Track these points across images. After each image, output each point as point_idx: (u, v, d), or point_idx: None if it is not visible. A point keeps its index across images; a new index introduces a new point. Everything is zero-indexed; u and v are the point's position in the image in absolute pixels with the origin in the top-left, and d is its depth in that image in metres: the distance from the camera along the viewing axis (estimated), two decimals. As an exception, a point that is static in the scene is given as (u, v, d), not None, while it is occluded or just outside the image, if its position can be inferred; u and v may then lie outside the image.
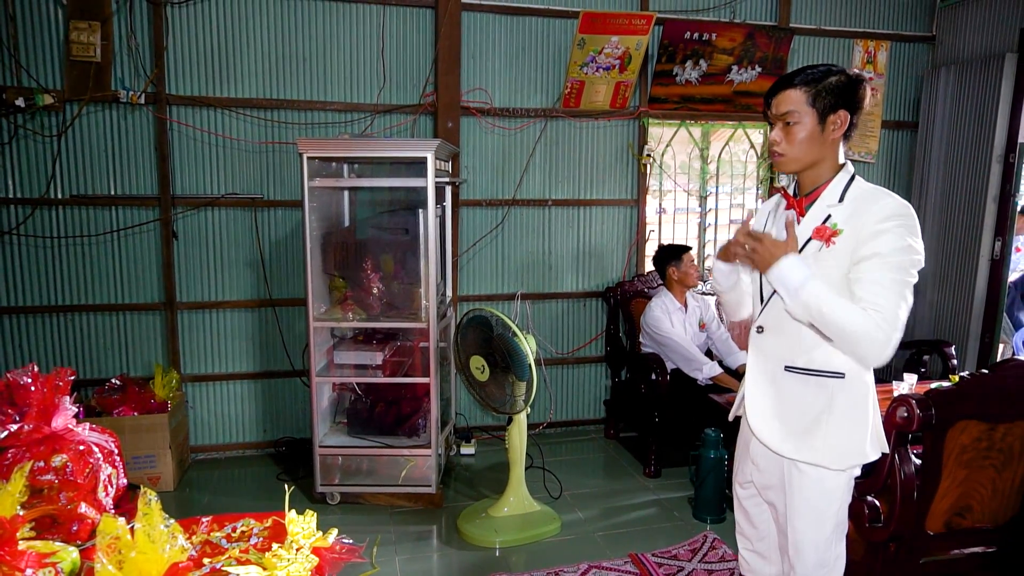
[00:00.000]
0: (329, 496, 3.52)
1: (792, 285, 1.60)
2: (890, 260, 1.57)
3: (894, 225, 1.59)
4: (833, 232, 1.66)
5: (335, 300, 3.65)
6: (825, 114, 1.67)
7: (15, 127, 3.65)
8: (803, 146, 1.69)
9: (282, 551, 1.74)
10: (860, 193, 1.68)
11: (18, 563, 1.57)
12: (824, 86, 1.66)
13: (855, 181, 1.72)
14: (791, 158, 1.72)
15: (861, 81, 1.69)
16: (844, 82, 1.67)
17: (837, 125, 1.68)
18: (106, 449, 2.07)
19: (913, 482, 2.12)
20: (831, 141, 1.70)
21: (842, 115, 1.67)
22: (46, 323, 3.86)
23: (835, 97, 1.66)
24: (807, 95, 1.67)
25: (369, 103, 4.08)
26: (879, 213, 1.61)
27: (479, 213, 4.33)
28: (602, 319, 4.59)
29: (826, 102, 1.66)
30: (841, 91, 1.66)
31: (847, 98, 1.67)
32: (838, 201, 1.69)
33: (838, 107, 1.67)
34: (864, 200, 1.65)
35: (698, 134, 4.63)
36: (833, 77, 1.67)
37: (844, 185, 1.71)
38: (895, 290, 1.56)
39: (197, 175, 3.93)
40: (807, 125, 1.68)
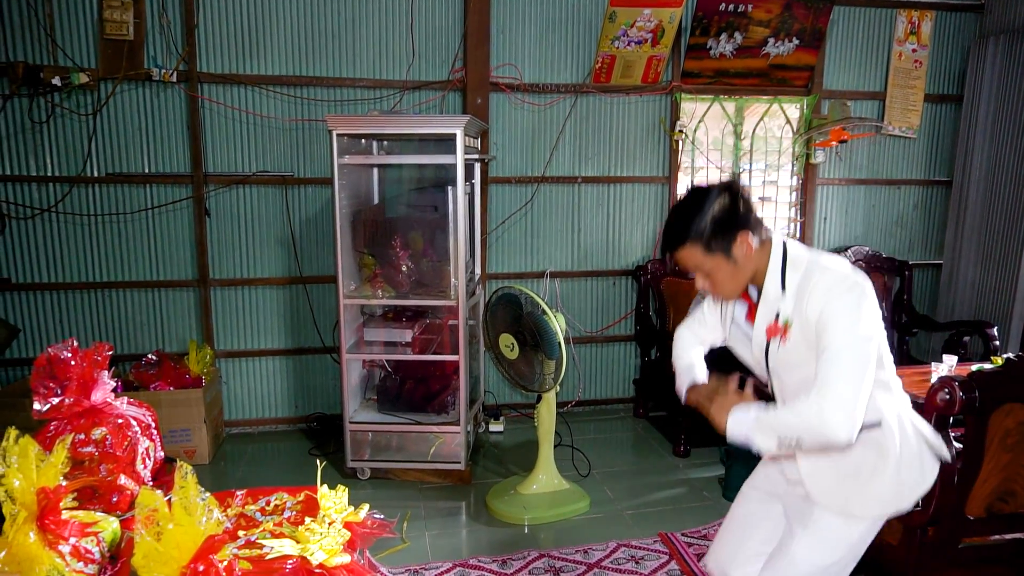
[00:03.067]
0: (359, 471, 3.56)
1: (746, 429, 1.59)
2: (840, 330, 1.51)
3: (834, 296, 1.53)
4: (785, 327, 1.61)
5: (365, 278, 3.67)
6: (728, 251, 1.59)
7: (52, 106, 3.70)
8: (729, 282, 1.65)
9: (315, 525, 1.76)
10: (800, 279, 1.60)
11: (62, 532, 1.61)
12: (709, 233, 1.58)
13: (788, 260, 1.62)
14: (727, 293, 1.68)
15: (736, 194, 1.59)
16: (721, 214, 1.58)
17: (744, 248, 1.60)
18: (143, 423, 2.11)
19: (954, 466, 2.07)
20: (748, 259, 1.62)
21: (741, 239, 1.59)
22: (84, 299, 3.94)
23: (724, 233, 1.58)
24: (700, 247, 1.60)
25: (398, 79, 4.05)
26: (819, 301, 1.54)
27: (508, 190, 4.30)
28: (632, 298, 4.55)
29: (721, 243, 1.59)
30: (725, 223, 1.58)
31: (736, 222, 1.58)
32: (781, 292, 1.62)
33: (733, 236, 1.58)
34: (804, 284, 1.58)
35: (732, 109, 4.53)
36: (708, 216, 1.58)
37: (780, 272, 1.62)
38: (848, 369, 1.49)
39: (228, 153, 3.96)
40: (720, 267, 1.62)
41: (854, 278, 1.55)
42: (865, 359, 1.50)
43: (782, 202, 4.75)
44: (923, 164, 4.80)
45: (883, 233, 4.83)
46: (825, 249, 4.73)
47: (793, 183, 4.72)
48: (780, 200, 4.74)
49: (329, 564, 1.68)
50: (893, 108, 4.61)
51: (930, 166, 4.82)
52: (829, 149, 4.57)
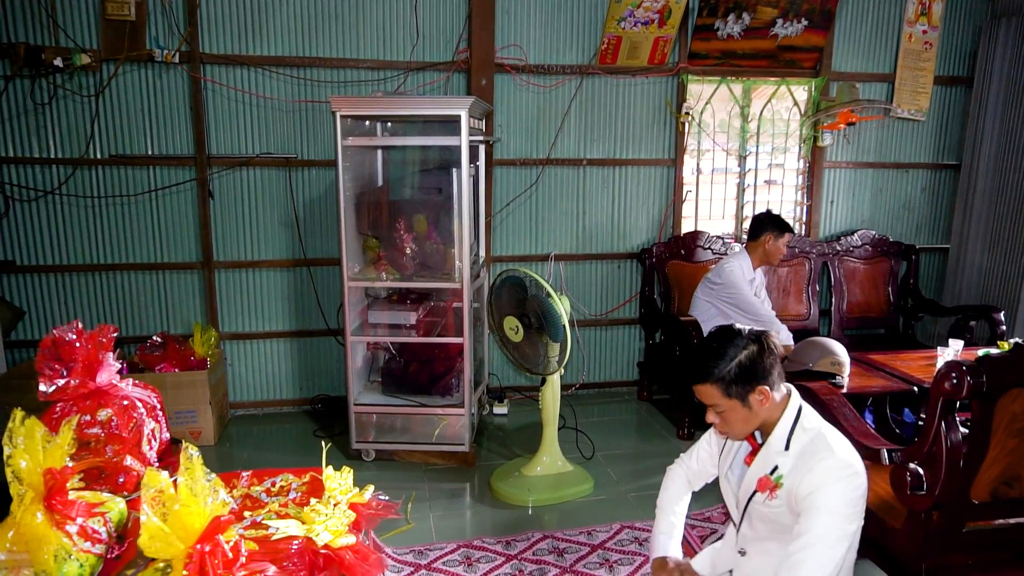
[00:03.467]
0: (364, 453, 3.58)
1: None
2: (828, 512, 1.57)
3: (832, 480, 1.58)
4: (776, 485, 1.67)
5: (369, 260, 3.66)
6: (744, 398, 1.66)
7: (54, 87, 3.68)
8: (739, 424, 1.71)
9: (320, 506, 1.77)
10: (805, 443, 1.66)
11: (69, 512, 1.62)
12: (731, 378, 1.65)
13: (800, 420, 1.69)
14: (736, 434, 1.74)
15: (763, 346, 1.66)
16: (747, 363, 1.64)
17: (761, 399, 1.66)
18: (149, 404, 2.11)
19: (960, 450, 2.06)
20: (763, 408, 1.68)
21: (760, 391, 1.65)
22: (89, 281, 3.94)
23: (746, 382, 1.65)
24: (720, 389, 1.66)
25: (402, 60, 4.02)
26: (818, 471, 1.59)
27: (513, 173, 4.27)
28: (636, 281, 4.53)
29: (740, 390, 1.65)
30: (749, 372, 1.64)
31: (759, 374, 1.65)
32: (785, 448, 1.68)
33: (753, 387, 1.65)
34: (807, 453, 1.64)
35: (739, 91, 4.48)
36: (734, 362, 1.64)
37: (789, 429, 1.69)
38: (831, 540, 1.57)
39: (231, 135, 3.94)
40: (734, 410, 1.68)
41: (856, 467, 1.60)
42: (842, 551, 1.57)
43: (788, 185, 4.71)
44: (932, 147, 4.76)
45: (890, 217, 4.80)
46: (832, 233, 4.71)
47: (800, 166, 4.68)
48: (787, 183, 4.71)
49: (334, 545, 1.69)
50: (902, 90, 4.55)
51: (939, 149, 4.77)
52: (837, 132, 4.52)
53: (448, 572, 2.62)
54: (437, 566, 2.66)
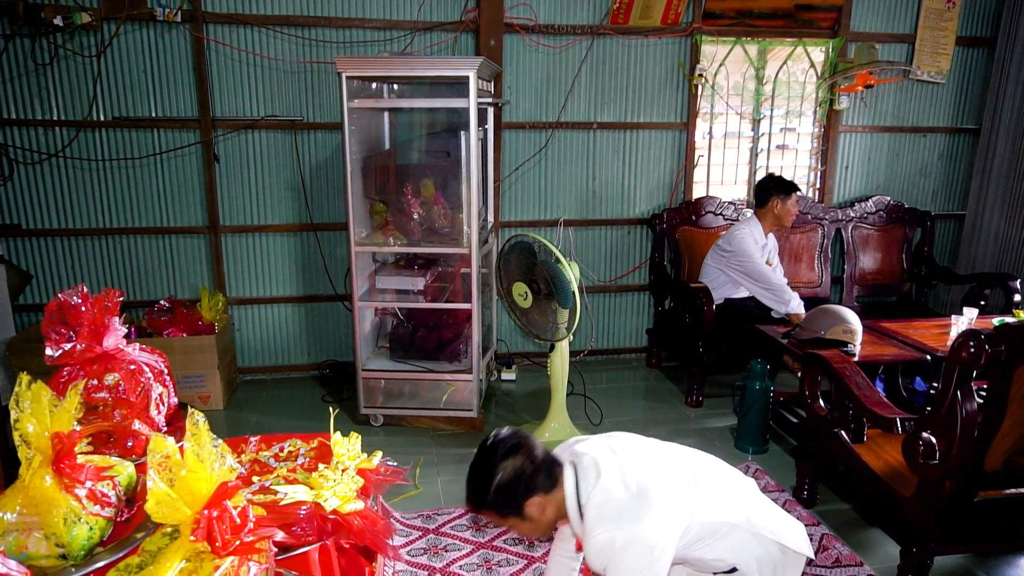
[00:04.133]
0: (372, 418, 3.59)
1: None
2: None
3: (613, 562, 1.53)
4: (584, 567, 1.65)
5: (376, 225, 3.62)
6: (520, 514, 1.63)
7: (55, 47, 3.61)
8: (532, 531, 1.69)
9: (328, 472, 1.76)
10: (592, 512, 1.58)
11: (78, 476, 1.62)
12: (498, 503, 1.61)
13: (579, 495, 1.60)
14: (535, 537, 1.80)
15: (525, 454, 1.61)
16: (508, 483, 1.59)
17: (535, 508, 1.62)
18: (156, 369, 2.10)
19: (975, 419, 2.03)
20: (545, 512, 1.64)
21: (531, 503, 1.61)
22: (94, 245, 3.92)
23: (512, 500, 1.61)
24: (495, 513, 1.65)
25: (409, 20, 3.92)
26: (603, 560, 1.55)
27: (522, 136, 4.20)
28: (647, 247, 4.48)
29: (511, 509, 1.62)
30: (512, 492, 1.60)
31: (522, 490, 1.60)
32: (580, 520, 1.60)
33: (522, 502, 1.60)
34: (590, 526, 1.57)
35: (754, 52, 4.37)
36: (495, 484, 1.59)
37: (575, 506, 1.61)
38: None
39: (236, 96, 3.87)
40: (517, 525, 1.67)
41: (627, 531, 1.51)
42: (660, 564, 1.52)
43: (803, 150, 4.62)
44: (951, 111, 4.64)
45: (906, 182, 4.71)
46: (845, 199, 4.63)
47: (815, 130, 4.58)
48: (801, 148, 4.62)
49: (343, 510, 1.69)
50: (923, 51, 4.42)
51: (958, 113, 4.65)
52: (854, 95, 4.41)
53: (456, 536, 2.64)
54: (445, 530, 2.67)
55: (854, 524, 2.73)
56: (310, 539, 1.61)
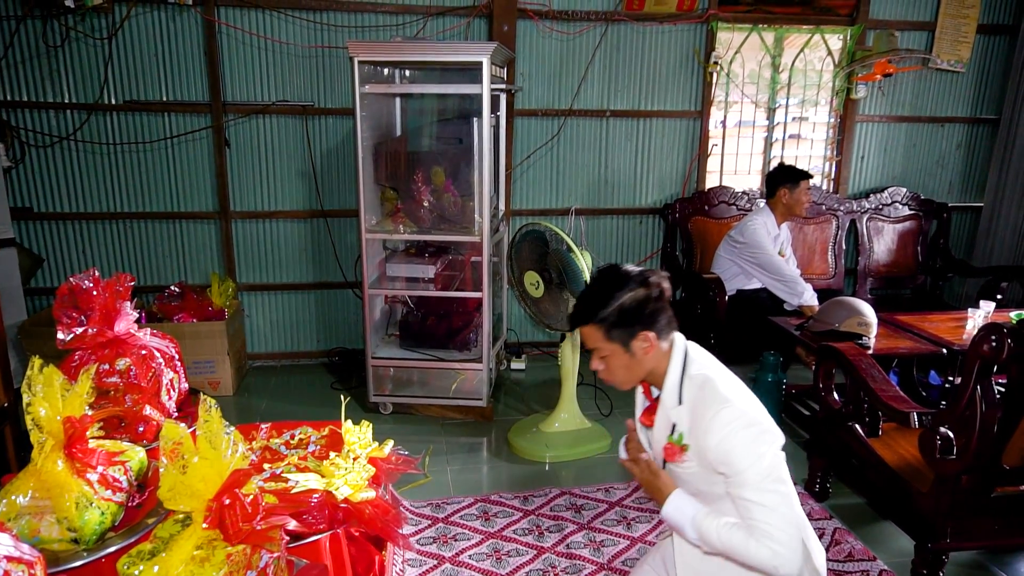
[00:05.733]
0: (382, 406, 3.58)
1: (680, 525, 1.53)
2: (751, 476, 1.45)
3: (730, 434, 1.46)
4: (681, 449, 1.56)
5: (386, 212, 3.60)
6: (627, 343, 1.55)
7: (66, 29, 3.59)
8: (622, 372, 1.60)
9: (340, 460, 1.75)
10: (694, 390, 1.54)
11: (89, 460, 1.61)
12: (612, 321, 1.54)
13: (686, 370, 1.57)
14: (619, 382, 1.63)
15: (648, 288, 1.54)
16: (631, 306, 1.53)
17: (645, 346, 1.55)
18: (167, 354, 2.09)
19: (995, 415, 2.00)
20: (647, 356, 1.57)
21: (644, 336, 1.54)
22: (106, 229, 3.92)
23: (628, 325, 1.54)
24: (601, 331, 1.56)
25: (421, 5, 3.88)
26: (714, 428, 1.47)
27: (534, 123, 4.16)
28: (658, 237, 4.45)
29: (622, 333, 1.54)
30: (631, 316, 1.53)
31: (641, 319, 1.54)
32: (678, 403, 1.56)
33: (636, 332, 1.54)
34: (698, 405, 1.52)
35: (771, 40, 4.30)
36: (616, 304, 1.53)
37: (678, 381, 1.57)
38: (774, 503, 1.45)
39: (247, 81, 3.85)
40: (616, 355, 1.57)
41: (749, 414, 1.48)
42: (785, 490, 1.47)
43: (818, 140, 4.56)
44: (970, 100, 4.56)
45: (923, 174, 4.64)
46: (861, 190, 4.57)
47: (831, 120, 4.52)
48: (816, 137, 4.56)
49: (354, 499, 1.68)
50: (943, 39, 4.35)
51: (977, 103, 4.57)
52: (872, 83, 4.34)
53: (465, 526, 2.63)
54: (455, 520, 2.67)
55: (867, 518, 2.71)
56: (321, 527, 1.61)
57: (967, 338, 2.99)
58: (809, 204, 3.78)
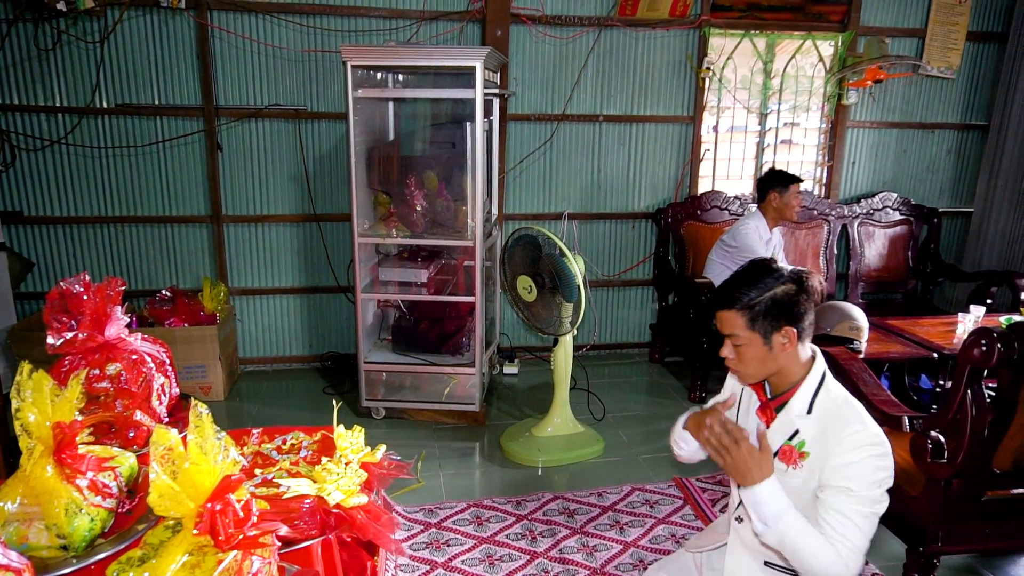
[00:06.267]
0: (374, 411, 3.57)
1: (768, 514, 1.47)
2: (862, 495, 1.45)
3: (864, 456, 1.46)
4: (800, 455, 1.54)
5: (379, 216, 3.60)
6: (768, 335, 1.53)
7: (58, 32, 3.58)
8: (754, 364, 1.57)
9: (332, 465, 1.74)
10: (829, 407, 1.53)
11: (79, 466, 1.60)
12: (760, 310, 1.53)
13: (824, 384, 1.57)
14: (746, 374, 1.61)
15: (802, 287, 1.53)
16: (783, 297, 1.52)
17: (785, 342, 1.54)
18: (158, 359, 2.08)
19: (985, 419, 2.01)
20: (783, 354, 1.55)
21: (787, 332, 1.53)
22: (96, 233, 3.90)
23: (774, 318, 1.52)
24: (745, 319, 1.54)
25: (415, 9, 3.88)
26: (849, 443, 1.46)
27: (527, 128, 4.17)
28: (651, 241, 4.46)
29: (766, 325, 1.53)
30: (780, 309, 1.52)
31: (788, 314, 1.53)
32: (807, 412, 1.55)
33: (780, 326, 1.53)
34: (834, 420, 1.51)
35: (762, 46, 4.33)
36: (769, 293, 1.52)
37: (813, 392, 1.56)
38: (865, 526, 1.46)
39: (240, 85, 3.84)
40: (753, 345, 1.55)
41: (887, 446, 1.48)
42: (873, 526, 1.47)
43: (809, 145, 4.59)
44: (960, 107, 4.60)
45: (913, 179, 4.67)
46: (852, 195, 4.60)
47: (822, 125, 4.55)
48: (807, 143, 4.58)
49: (346, 504, 1.67)
50: (933, 46, 4.38)
51: (967, 109, 4.61)
52: (863, 89, 4.37)
53: (458, 531, 2.62)
54: (447, 525, 2.66)
55: (858, 522, 2.72)
56: (313, 533, 1.60)
57: (957, 342, 3.01)
58: (800, 208, 3.80)
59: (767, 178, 3.76)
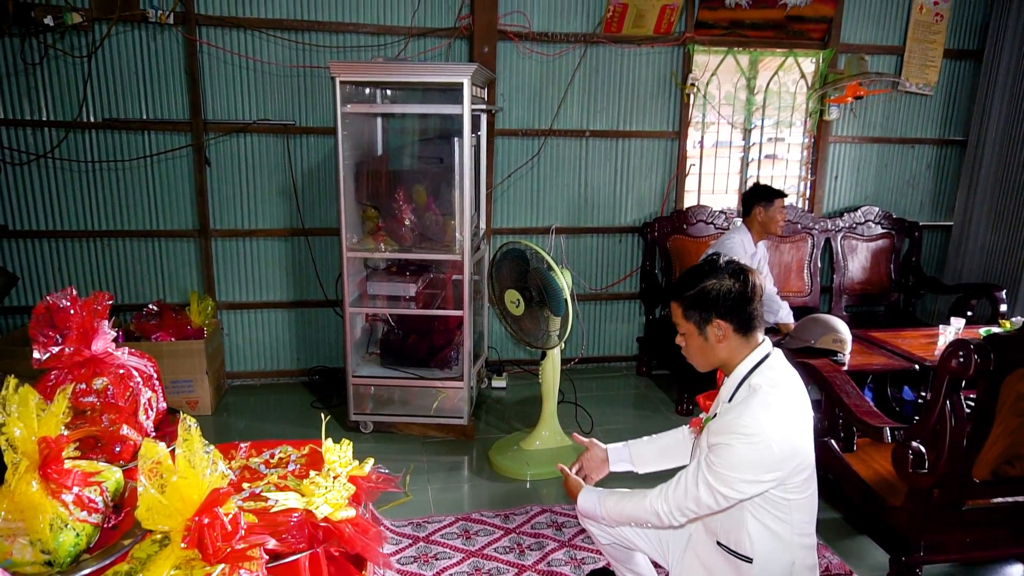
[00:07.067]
0: (362, 425, 3.57)
1: (591, 510, 1.83)
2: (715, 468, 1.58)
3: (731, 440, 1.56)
4: (703, 427, 1.71)
5: (368, 230, 3.61)
6: (701, 326, 1.65)
7: (45, 47, 3.58)
8: (696, 353, 1.71)
9: (320, 479, 1.75)
10: (744, 396, 1.62)
11: (65, 481, 1.59)
12: (691, 302, 1.64)
13: (752, 375, 1.64)
14: (695, 363, 1.74)
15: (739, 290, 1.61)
16: (713, 293, 1.61)
17: (719, 335, 1.64)
18: (145, 373, 2.08)
19: (964, 429, 2.05)
20: (721, 345, 1.65)
21: (718, 324, 1.63)
22: (83, 248, 3.89)
23: (704, 310, 1.63)
24: (681, 308, 1.67)
25: (403, 26, 3.92)
26: (726, 425, 1.58)
27: (514, 143, 4.20)
28: (638, 255, 4.50)
29: (697, 316, 1.64)
30: (708, 302, 1.62)
31: (719, 307, 1.62)
32: (728, 400, 1.67)
33: (711, 318, 1.63)
34: (736, 406, 1.61)
35: (746, 62, 4.40)
36: (699, 287, 1.62)
37: (738, 381, 1.66)
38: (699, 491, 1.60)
39: (228, 100, 3.86)
40: (692, 336, 1.68)
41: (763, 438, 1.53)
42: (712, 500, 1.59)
43: (793, 160, 4.66)
44: (938, 122, 4.69)
45: (894, 193, 4.75)
46: (835, 209, 4.67)
47: (805, 141, 4.62)
48: (791, 158, 4.65)
49: (334, 518, 1.67)
50: (911, 63, 4.48)
51: (945, 125, 4.70)
52: (844, 105, 4.45)
53: (446, 544, 2.62)
54: (435, 538, 2.66)
55: (843, 532, 2.74)
56: (301, 547, 1.60)
57: (939, 354, 3.06)
58: (784, 222, 3.85)
59: (752, 193, 3.81)
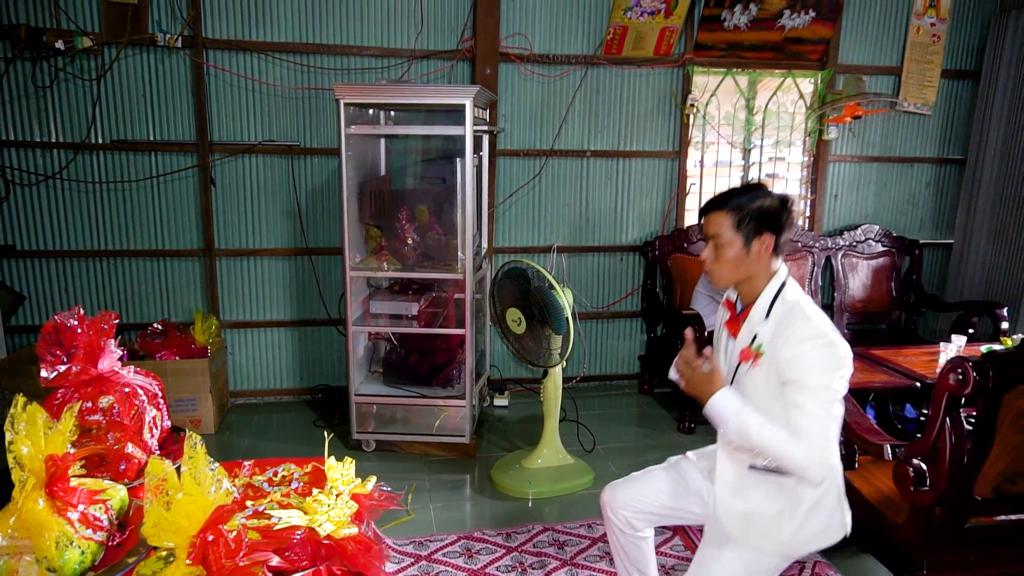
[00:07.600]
0: (365, 443, 3.57)
1: (725, 417, 1.74)
2: (811, 383, 1.64)
3: (808, 348, 1.65)
4: (757, 354, 1.75)
5: (371, 250, 3.64)
6: (749, 238, 1.75)
7: (55, 70, 3.65)
8: (730, 266, 1.79)
9: (323, 496, 1.76)
10: (784, 310, 1.73)
11: (70, 499, 1.61)
12: (749, 211, 1.75)
13: (783, 292, 1.77)
14: (720, 276, 1.82)
15: (786, 206, 1.76)
16: (770, 207, 1.75)
17: (762, 248, 1.75)
18: (150, 392, 2.10)
19: (964, 446, 2.05)
20: (758, 261, 1.77)
21: (766, 238, 1.75)
22: (90, 267, 3.93)
23: (759, 222, 1.74)
24: (732, 220, 1.75)
25: (406, 48, 3.99)
26: (795, 337, 1.67)
27: (516, 163, 4.25)
28: (639, 274, 4.52)
29: (750, 227, 1.74)
30: (766, 216, 1.75)
31: (772, 222, 1.75)
32: (765, 317, 1.76)
33: (762, 231, 1.75)
34: (784, 321, 1.71)
35: (745, 83, 4.45)
36: (758, 202, 1.75)
37: (771, 299, 1.77)
38: (822, 414, 1.64)
39: (234, 121, 3.91)
40: (734, 247, 1.76)
41: (831, 337, 1.66)
42: (836, 412, 1.65)
43: (792, 179, 4.69)
44: (937, 142, 4.73)
45: (894, 212, 4.78)
46: (836, 228, 4.69)
47: (804, 160, 4.66)
48: (791, 177, 4.69)
49: (337, 535, 1.68)
50: (909, 84, 4.53)
51: (944, 144, 4.74)
52: (842, 125, 4.50)
53: (448, 563, 2.62)
54: (437, 557, 2.66)
55: (846, 551, 2.73)
56: (304, 564, 1.61)
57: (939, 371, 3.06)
58: None
59: None
